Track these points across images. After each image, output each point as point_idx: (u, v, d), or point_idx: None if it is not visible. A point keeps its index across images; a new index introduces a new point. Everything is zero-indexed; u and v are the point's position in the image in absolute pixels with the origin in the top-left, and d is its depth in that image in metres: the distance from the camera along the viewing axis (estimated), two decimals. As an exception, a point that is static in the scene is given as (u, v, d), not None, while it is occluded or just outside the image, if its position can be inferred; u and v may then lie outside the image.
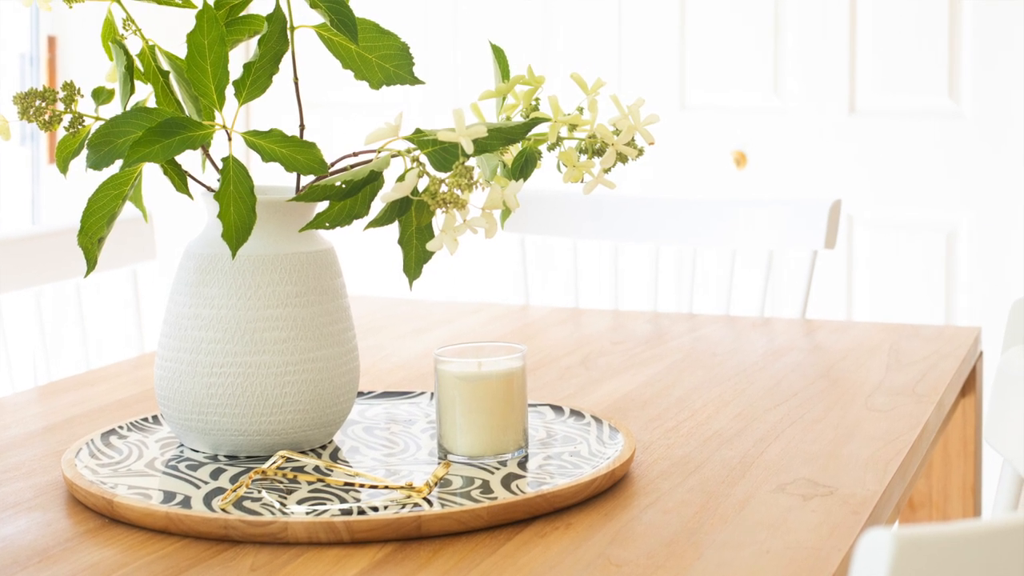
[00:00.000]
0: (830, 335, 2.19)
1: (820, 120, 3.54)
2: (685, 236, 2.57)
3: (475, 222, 1.40)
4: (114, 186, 1.45)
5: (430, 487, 1.35)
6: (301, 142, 1.43)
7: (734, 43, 3.58)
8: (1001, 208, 3.40)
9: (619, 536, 1.28)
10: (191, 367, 1.46)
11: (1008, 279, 3.40)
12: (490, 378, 1.47)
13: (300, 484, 1.38)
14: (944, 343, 2.09)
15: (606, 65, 3.67)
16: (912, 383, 1.85)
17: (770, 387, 1.84)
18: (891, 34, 3.45)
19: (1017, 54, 3.35)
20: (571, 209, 2.63)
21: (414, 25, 3.82)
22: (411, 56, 1.53)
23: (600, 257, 3.65)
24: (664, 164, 3.64)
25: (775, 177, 3.58)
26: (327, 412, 1.49)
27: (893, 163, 3.48)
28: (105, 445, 1.51)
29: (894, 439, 1.59)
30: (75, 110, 1.46)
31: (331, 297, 1.50)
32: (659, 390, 1.83)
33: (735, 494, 1.40)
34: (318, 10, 1.47)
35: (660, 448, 1.56)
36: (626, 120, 1.49)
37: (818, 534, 1.28)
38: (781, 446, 1.56)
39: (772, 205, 2.52)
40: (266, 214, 1.46)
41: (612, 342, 2.13)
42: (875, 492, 1.40)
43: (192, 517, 1.28)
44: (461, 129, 1.40)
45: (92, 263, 1.46)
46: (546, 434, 1.55)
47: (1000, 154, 3.39)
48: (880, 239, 3.51)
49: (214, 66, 1.41)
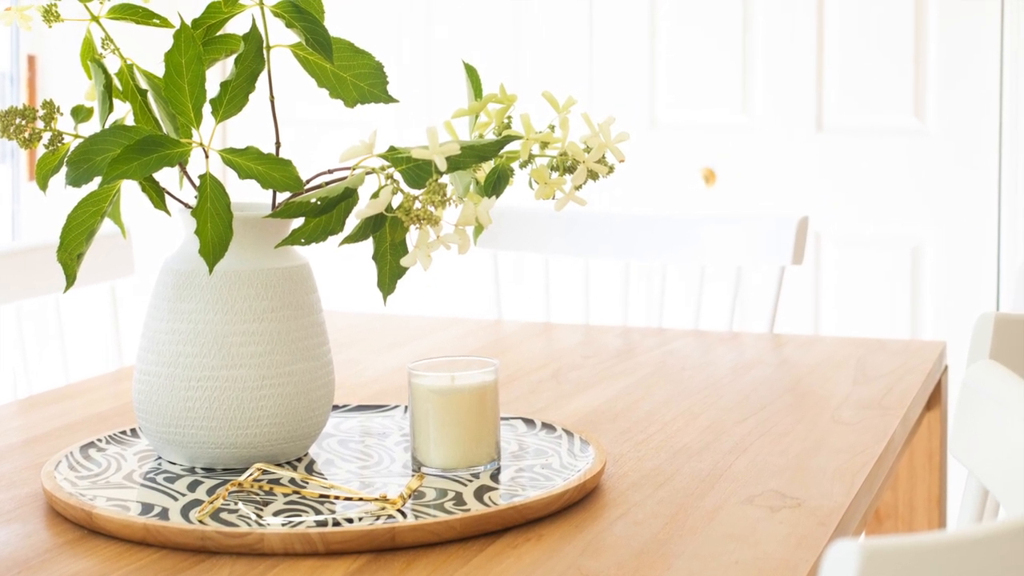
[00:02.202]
0: (798, 349, 2.20)
1: (788, 138, 3.56)
2: (655, 252, 2.59)
3: (448, 238, 1.41)
4: (93, 203, 1.45)
5: (404, 499, 1.36)
6: (277, 159, 1.44)
7: (703, 62, 3.61)
8: (966, 224, 3.43)
9: (590, 547, 1.29)
10: (169, 381, 1.47)
11: (973, 294, 3.43)
12: (463, 392, 1.48)
13: (276, 496, 1.39)
14: (910, 357, 2.11)
15: (577, 84, 3.70)
16: (878, 396, 1.87)
17: (739, 401, 1.85)
18: (857, 53, 3.48)
19: (980, 73, 3.39)
20: (543, 225, 2.65)
21: (388, 44, 3.83)
22: (385, 75, 1.54)
23: (571, 272, 3.66)
24: (634, 181, 3.66)
25: (743, 194, 3.60)
26: (303, 425, 1.50)
27: (860, 180, 3.51)
28: (84, 457, 1.52)
29: (861, 451, 1.60)
30: (55, 128, 1.47)
31: (306, 312, 1.51)
32: (629, 403, 1.84)
33: (704, 506, 1.41)
34: (294, 30, 1.48)
35: (630, 460, 1.57)
36: (597, 138, 1.49)
37: (786, 545, 1.30)
38: (749, 458, 1.58)
39: (740, 221, 2.54)
40: (242, 230, 1.48)
41: (583, 356, 2.15)
42: (842, 504, 1.42)
43: (170, 528, 1.29)
44: (434, 147, 1.41)
45: (71, 278, 1.47)
46: (518, 447, 1.57)
47: (964, 171, 3.42)
48: (847, 255, 3.54)
49: (191, 85, 1.42)
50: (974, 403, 1.29)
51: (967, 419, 1.28)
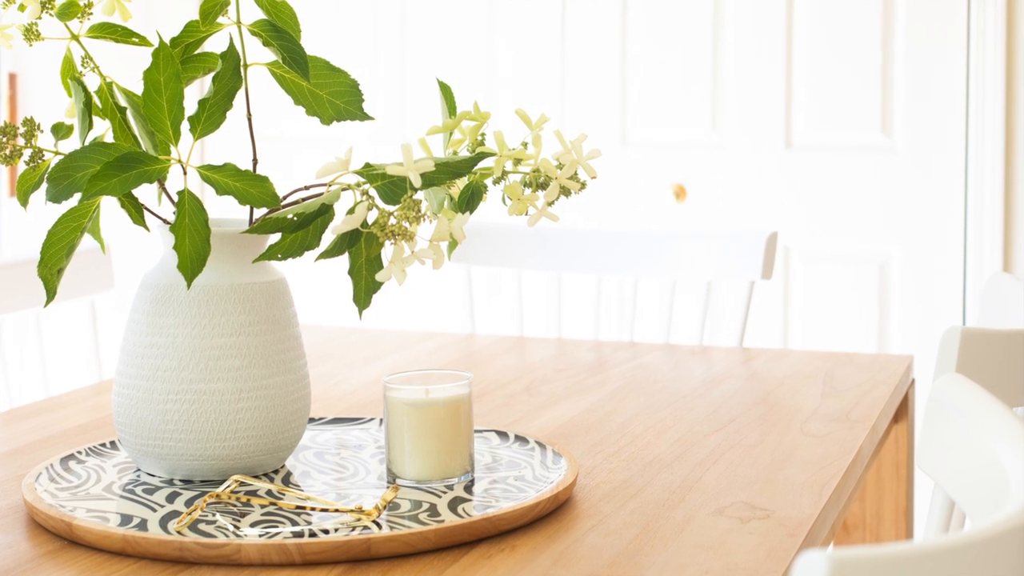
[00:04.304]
0: (767, 363, 2.21)
1: (757, 155, 3.58)
2: (626, 267, 2.61)
3: (423, 253, 1.42)
4: (73, 218, 1.46)
5: (379, 510, 1.37)
6: (254, 176, 1.45)
7: (674, 80, 3.63)
8: (932, 240, 3.45)
9: (562, 558, 1.30)
10: (147, 394, 1.48)
11: (939, 308, 3.46)
12: (437, 405, 1.49)
13: (253, 507, 1.40)
14: (877, 371, 2.12)
15: (550, 101, 3.71)
16: (846, 409, 1.88)
17: (709, 413, 1.86)
18: (825, 72, 3.51)
19: (946, 91, 3.42)
20: (516, 241, 2.66)
21: (364, 62, 3.85)
22: (361, 93, 1.55)
23: (544, 287, 3.68)
24: (606, 197, 3.68)
25: (714, 210, 3.62)
26: (279, 437, 1.51)
27: (828, 196, 3.54)
28: (64, 469, 1.53)
29: (829, 463, 1.61)
30: (35, 145, 1.48)
31: (283, 326, 1.52)
32: (601, 416, 1.85)
33: (675, 517, 1.42)
34: (271, 48, 1.50)
35: (602, 472, 1.58)
36: (569, 155, 1.51)
37: (755, 556, 1.31)
38: (720, 470, 1.59)
39: (711, 237, 2.56)
40: (220, 246, 1.49)
41: (556, 370, 2.16)
42: (811, 515, 1.43)
43: (148, 539, 1.30)
44: (409, 163, 1.42)
45: (52, 293, 1.48)
46: (492, 459, 1.58)
47: (931, 187, 3.45)
48: (815, 270, 3.56)
49: (170, 102, 1.43)
50: (941, 416, 1.30)
51: (934, 432, 1.29)
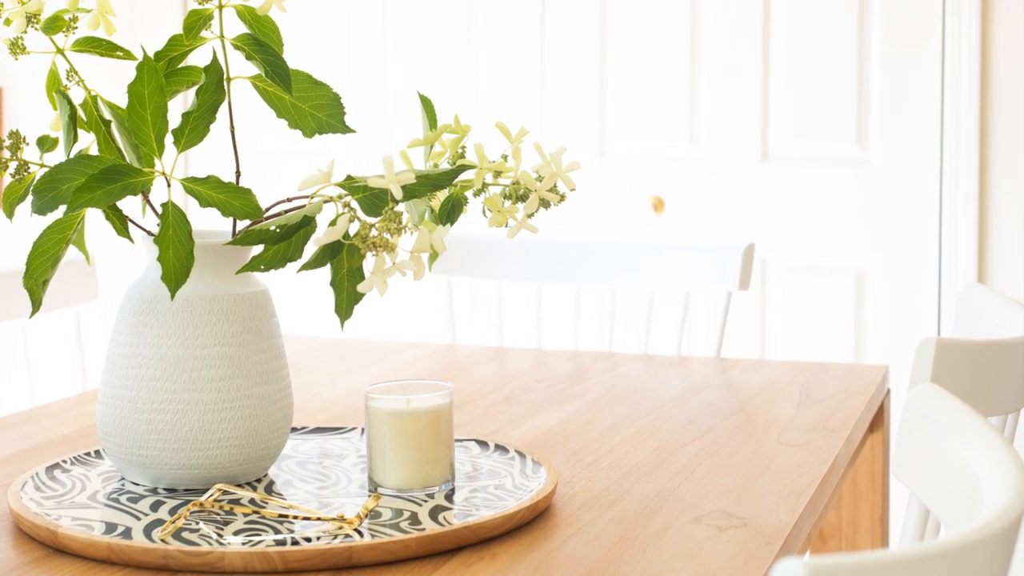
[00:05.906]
0: (744, 373, 2.22)
1: (734, 167, 3.60)
2: (605, 278, 2.62)
3: (404, 265, 1.43)
4: (58, 230, 1.47)
5: (361, 519, 1.38)
6: (237, 188, 1.46)
7: (652, 93, 3.65)
8: (907, 251, 3.48)
9: (542, 566, 1.31)
10: (132, 404, 1.49)
11: (914, 319, 3.48)
12: (418, 414, 1.50)
13: (236, 516, 1.41)
14: (853, 381, 2.13)
15: (529, 114, 3.73)
16: (823, 419, 1.89)
17: (687, 423, 1.87)
18: (802, 85, 3.53)
19: (921, 104, 3.44)
20: (496, 252, 2.68)
21: (346, 75, 3.86)
22: (343, 106, 1.56)
23: (524, 298, 3.69)
24: (585, 209, 3.70)
25: (691, 222, 3.64)
26: (262, 447, 1.52)
27: (804, 209, 3.56)
28: (49, 478, 1.54)
29: (805, 472, 1.62)
30: (21, 157, 1.49)
31: (266, 336, 1.53)
32: (580, 426, 1.86)
33: (653, 525, 1.43)
34: (254, 62, 1.51)
35: (581, 481, 1.59)
36: (548, 167, 1.52)
37: (733, 564, 1.32)
38: (697, 479, 1.60)
39: (688, 249, 2.57)
40: (204, 257, 1.50)
41: (535, 379, 2.16)
42: (787, 523, 1.44)
43: (133, 547, 1.31)
44: (391, 176, 1.43)
45: (37, 304, 1.49)
46: (472, 468, 1.59)
47: (906, 200, 3.47)
48: (792, 281, 3.58)
49: (154, 115, 1.44)
50: (916, 425, 1.30)
51: (909, 441, 1.29)
